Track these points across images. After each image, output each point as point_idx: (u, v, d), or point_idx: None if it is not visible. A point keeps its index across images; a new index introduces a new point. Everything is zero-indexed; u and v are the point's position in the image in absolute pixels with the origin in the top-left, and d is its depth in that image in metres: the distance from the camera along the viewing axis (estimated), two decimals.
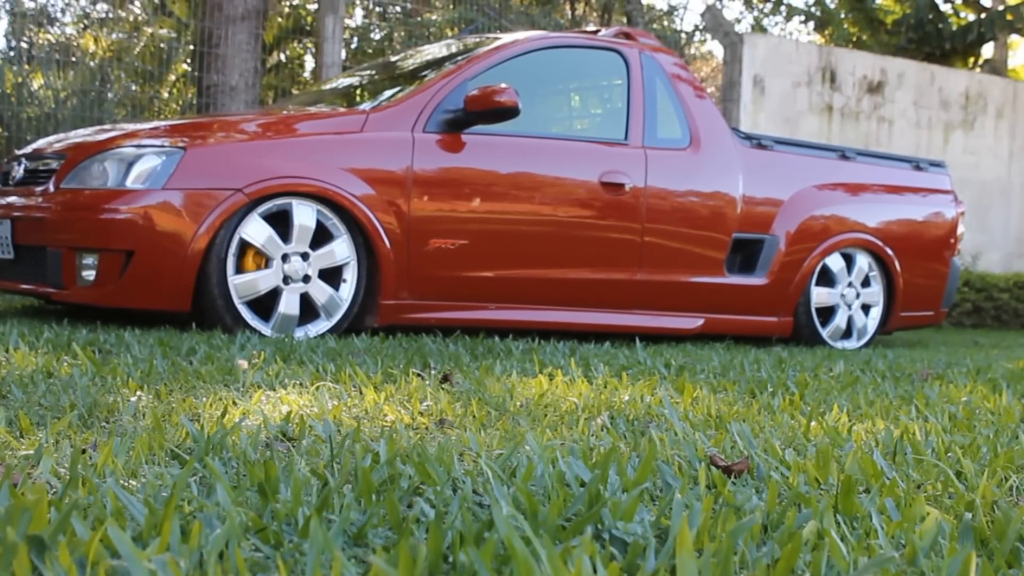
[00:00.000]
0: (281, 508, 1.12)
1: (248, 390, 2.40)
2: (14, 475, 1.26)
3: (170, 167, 4.06)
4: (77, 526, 0.91)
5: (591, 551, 0.87)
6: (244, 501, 1.21)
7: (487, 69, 4.79)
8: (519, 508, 1.15)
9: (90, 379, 2.40)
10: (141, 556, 0.83)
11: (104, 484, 1.20)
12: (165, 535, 0.89)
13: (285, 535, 1.06)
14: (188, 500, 1.19)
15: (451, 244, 4.56)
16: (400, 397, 2.40)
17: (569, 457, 1.42)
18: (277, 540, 1.02)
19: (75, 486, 1.19)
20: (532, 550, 0.91)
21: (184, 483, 1.17)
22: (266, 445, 1.72)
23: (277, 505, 1.16)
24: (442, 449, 1.59)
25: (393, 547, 1.08)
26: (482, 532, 1.04)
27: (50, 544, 0.86)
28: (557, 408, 2.35)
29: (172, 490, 1.17)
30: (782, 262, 5.47)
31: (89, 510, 1.04)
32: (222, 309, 4.09)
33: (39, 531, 0.88)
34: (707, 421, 2.23)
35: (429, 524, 1.07)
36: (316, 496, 1.21)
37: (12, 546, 0.81)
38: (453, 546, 0.96)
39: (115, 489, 1.08)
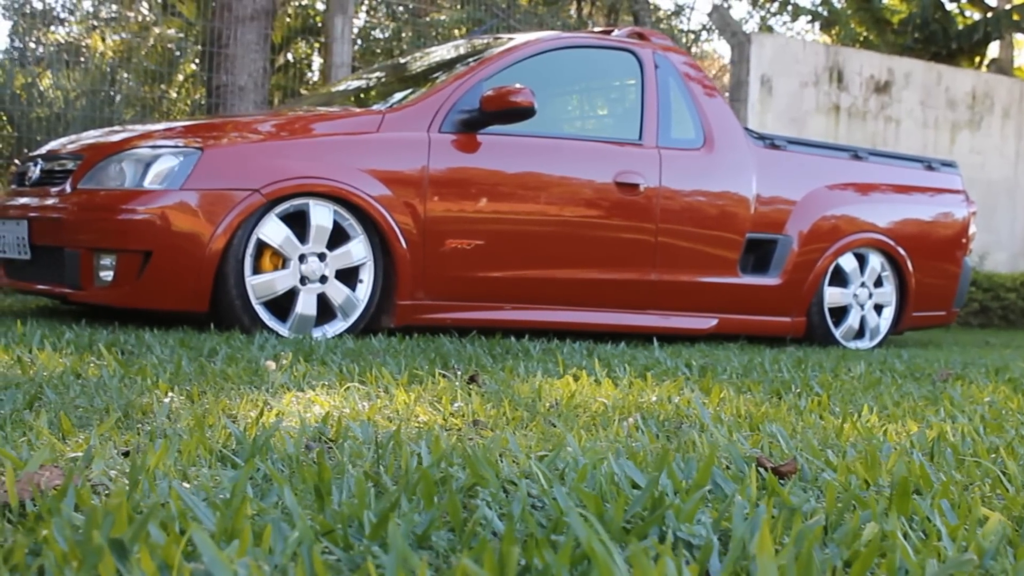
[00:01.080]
0: (343, 510, 1.12)
1: (277, 391, 2.40)
2: (75, 478, 1.26)
3: (188, 168, 4.06)
4: (152, 529, 0.91)
5: (668, 553, 0.87)
6: (301, 504, 1.21)
7: (502, 69, 4.79)
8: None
9: (120, 380, 2.40)
10: (225, 560, 0.83)
11: (165, 486, 1.20)
12: (245, 539, 0.89)
13: (351, 537, 1.06)
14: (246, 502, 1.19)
15: (467, 244, 4.56)
16: (429, 398, 2.40)
17: (620, 459, 1.42)
18: (346, 543, 1.02)
19: (136, 489, 1.19)
20: (608, 552, 0.91)
21: (244, 485, 1.17)
22: (306, 447, 1.72)
23: (337, 507, 1.16)
24: (485, 450, 1.59)
25: (457, 551, 1.08)
26: (549, 534, 1.05)
27: (130, 548, 0.87)
28: (587, 409, 2.35)
29: (232, 492, 1.17)
30: (795, 262, 5.47)
31: (154, 513, 1.03)
32: (240, 310, 4.09)
33: (119, 534, 0.88)
34: (738, 422, 2.23)
35: (505, 527, 1.07)
36: (374, 498, 1.21)
37: (98, 549, 0.82)
38: (527, 549, 0.96)
39: (181, 492, 1.08)
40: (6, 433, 1.65)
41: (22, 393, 2.10)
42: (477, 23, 9.00)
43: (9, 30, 19.02)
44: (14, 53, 8.85)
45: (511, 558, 0.82)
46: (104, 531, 0.87)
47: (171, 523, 1.03)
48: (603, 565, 0.86)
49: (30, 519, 1.08)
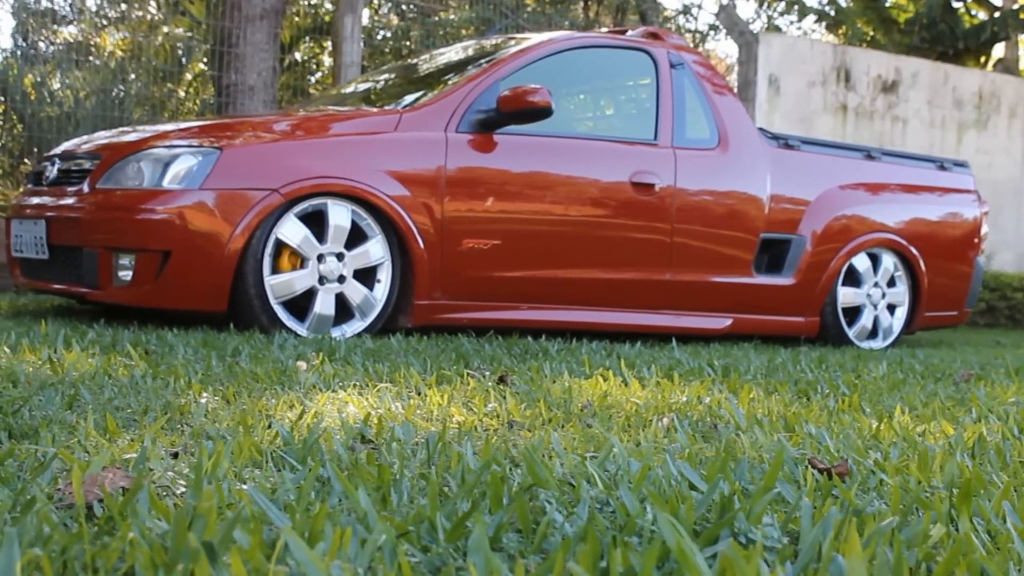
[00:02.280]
0: (413, 512, 1.12)
1: (309, 392, 2.40)
2: (129, 479, 1.26)
3: (206, 167, 4.06)
4: (236, 533, 0.91)
5: (759, 555, 0.87)
6: None
7: (518, 69, 4.78)
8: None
9: (151, 381, 2.40)
10: (318, 562, 0.83)
11: (225, 488, 1.20)
12: (335, 541, 0.89)
13: (424, 539, 1.06)
14: (309, 504, 1.19)
15: (484, 244, 4.56)
16: (461, 398, 2.40)
17: (677, 461, 1.42)
18: (423, 545, 1.03)
19: (198, 491, 1.19)
20: (693, 554, 0.91)
21: (309, 487, 1.17)
22: (351, 448, 1.72)
23: (400, 508, 1.16)
24: (533, 451, 1.59)
25: (527, 553, 1.08)
26: (624, 536, 1.05)
27: (220, 551, 0.87)
28: (620, 409, 2.35)
29: (299, 495, 1.18)
30: (809, 262, 5.47)
31: (241, 517, 1.03)
32: (258, 309, 4.09)
33: (210, 537, 0.88)
34: (773, 423, 2.23)
35: (576, 528, 1.07)
36: (429, 498, 1.21)
37: (194, 553, 0.82)
38: (608, 552, 0.96)
39: (254, 495, 1.08)
40: (54, 435, 1.65)
41: (59, 394, 2.10)
42: (485, 23, 8.99)
43: (13, 29, 18.90)
44: (18, 52, 8.85)
45: (616, 562, 0.82)
46: (196, 533, 0.87)
47: (245, 526, 1.03)
48: (693, 568, 0.86)
49: (101, 520, 1.08)
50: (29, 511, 1.04)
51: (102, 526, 1.06)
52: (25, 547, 0.89)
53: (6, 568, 0.82)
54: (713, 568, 0.93)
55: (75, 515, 1.09)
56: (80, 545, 0.93)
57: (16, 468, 1.39)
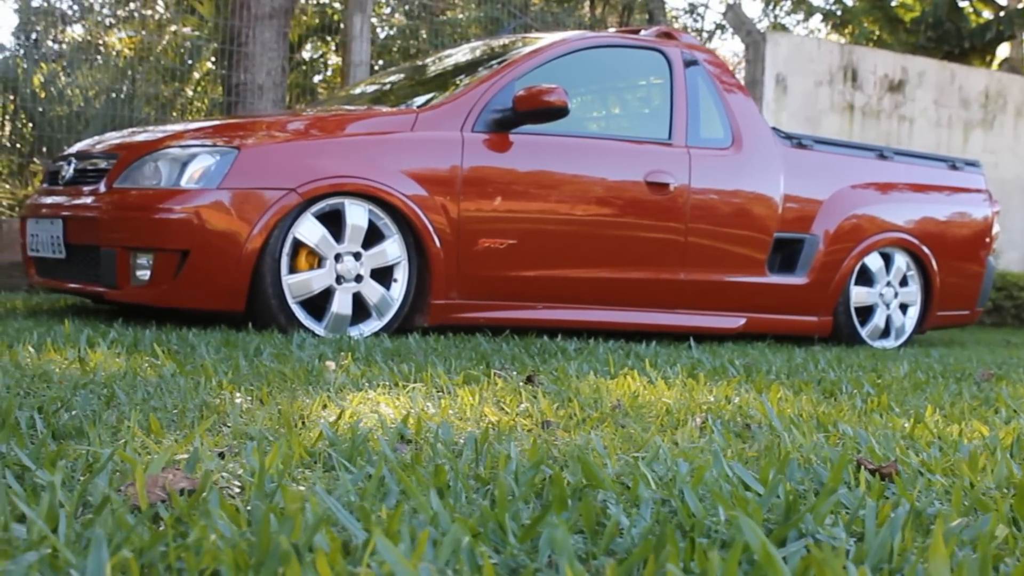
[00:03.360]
0: (478, 513, 1.12)
1: (339, 391, 2.40)
2: (194, 480, 1.26)
3: (224, 167, 4.06)
4: (317, 537, 0.92)
5: (840, 558, 0.87)
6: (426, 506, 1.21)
7: (533, 69, 4.78)
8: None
9: (183, 380, 2.40)
10: (407, 564, 0.83)
11: (296, 489, 1.20)
12: (422, 543, 0.89)
13: (492, 540, 1.06)
14: (372, 505, 1.19)
15: (500, 244, 4.56)
16: (492, 398, 2.40)
17: (730, 461, 1.42)
18: (495, 546, 1.03)
19: (261, 492, 1.19)
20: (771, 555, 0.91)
21: (373, 488, 1.17)
22: (393, 449, 1.72)
23: (469, 509, 1.16)
24: (583, 451, 1.59)
25: (595, 554, 1.08)
26: (695, 537, 1.05)
27: (303, 552, 0.87)
28: (651, 409, 2.35)
29: (363, 496, 1.18)
30: (822, 262, 5.48)
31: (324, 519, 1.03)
32: (276, 309, 4.09)
33: (296, 539, 0.88)
34: (806, 423, 2.23)
35: (648, 528, 1.07)
36: (498, 499, 1.21)
37: (285, 556, 0.82)
38: (686, 553, 0.96)
39: (324, 497, 1.08)
40: (98, 435, 1.65)
41: (94, 395, 2.10)
42: (494, 22, 8.99)
43: (15, 28, 18.87)
44: (20, 50, 8.85)
45: (715, 562, 0.82)
46: (284, 534, 0.87)
47: (327, 528, 1.03)
48: (777, 570, 0.86)
49: (170, 522, 1.08)
50: (101, 512, 1.04)
51: (172, 527, 1.06)
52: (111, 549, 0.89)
53: (96, 570, 0.82)
54: (791, 569, 0.93)
55: (140, 517, 1.09)
56: (161, 546, 0.93)
57: (69, 469, 1.39)
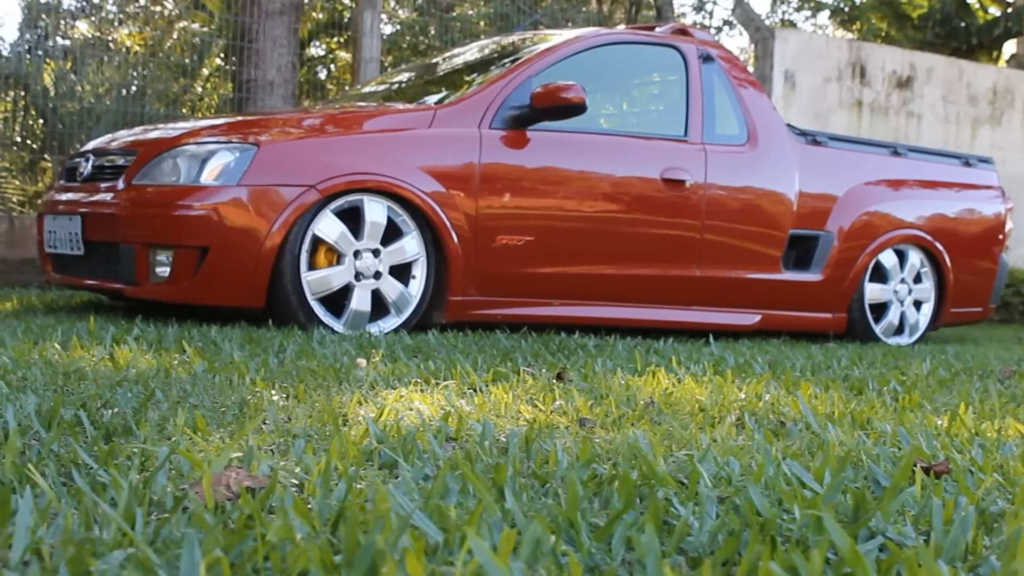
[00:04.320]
0: (544, 511, 1.12)
1: (373, 389, 2.40)
2: (256, 479, 1.26)
3: (244, 163, 4.06)
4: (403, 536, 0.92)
5: (932, 557, 0.87)
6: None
7: (549, 66, 4.78)
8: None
9: (215, 378, 2.40)
10: (501, 564, 0.83)
11: (344, 487, 1.20)
12: (507, 542, 0.89)
13: (564, 539, 1.06)
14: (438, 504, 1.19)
15: (517, 240, 4.56)
16: (524, 395, 2.40)
17: (791, 460, 1.42)
18: (578, 543, 1.03)
19: (327, 490, 1.19)
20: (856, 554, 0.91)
21: (440, 487, 1.17)
22: (440, 447, 1.72)
23: (534, 508, 1.16)
24: (632, 449, 1.59)
25: (667, 553, 1.08)
26: (768, 535, 1.05)
27: (390, 551, 0.87)
28: (685, 407, 2.35)
29: (428, 495, 1.18)
30: (837, 258, 5.48)
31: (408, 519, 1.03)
32: (295, 306, 4.09)
33: (385, 538, 0.88)
34: (840, 420, 2.23)
35: (717, 526, 1.07)
36: (568, 498, 1.21)
37: (379, 555, 0.82)
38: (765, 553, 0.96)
39: (398, 496, 1.08)
40: (145, 434, 1.65)
41: (132, 393, 2.10)
42: (503, 18, 8.99)
43: (20, 23, 18.89)
44: (26, 46, 8.84)
45: (816, 562, 0.82)
46: (374, 535, 0.87)
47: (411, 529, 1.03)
48: (866, 570, 0.86)
49: (240, 521, 1.08)
50: (176, 511, 1.04)
51: (245, 527, 1.06)
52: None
53: (190, 569, 0.82)
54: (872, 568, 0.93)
55: (220, 516, 1.09)
56: (243, 546, 0.93)
57: (126, 467, 1.39)
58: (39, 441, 1.61)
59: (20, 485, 1.25)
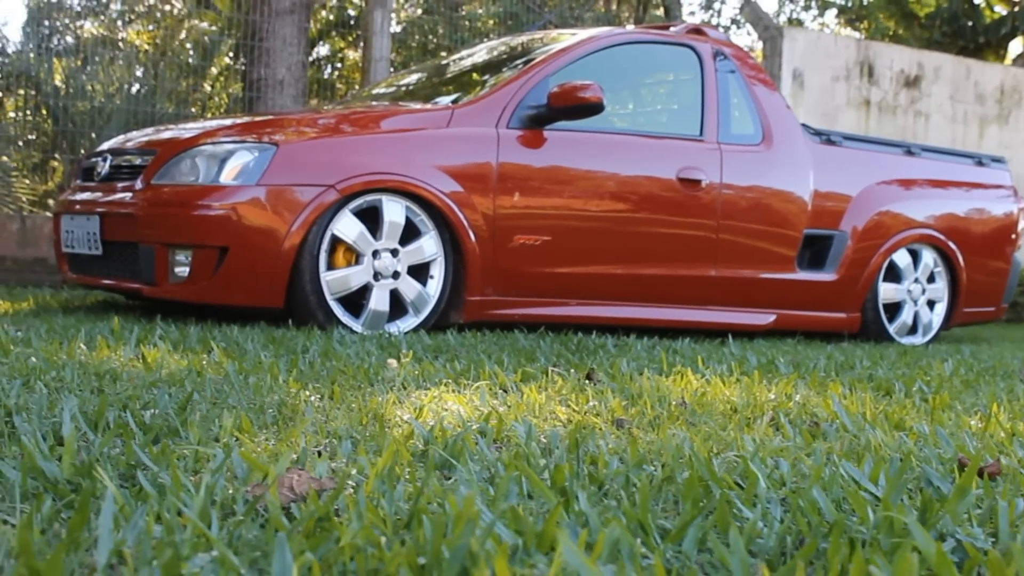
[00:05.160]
0: (616, 514, 1.12)
1: (404, 389, 2.40)
2: (324, 482, 1.26)
3: (263, 163, 4.06)
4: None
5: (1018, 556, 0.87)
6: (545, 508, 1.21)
7: (566, 65, 4.78)
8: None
9: (247, 378, 2.40)
10: (593, 567, 0.83)
11: (402, 490, 1.20)
12: (599, 545, 0.90)
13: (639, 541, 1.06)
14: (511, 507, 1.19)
15: (534, 240, 4.56)
16: (556, 396, 2.40)
17: (843, 461, 1.42)
18: (650, 545, 1.03)
19: (391, 493, 1.19)
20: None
21: (505, 490, 1.17)
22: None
23: (588, 509, 1.16)
24: (678, 450, 1.59)
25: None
26: (853, 539, 1.05)
27: (479, 554, 0.87)
28: (718, 407, 2.35)
29: (493, 498, 1.18)
30: (851, 258, 5.48)
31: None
32: (315, 306, 4.09)
33: (465, 542, 0.88)
34: (873, 421, 2.23)
35: (784, 529, 1.07)
36: (640, 500, 1.21)
37: (474, 557, 0.82)
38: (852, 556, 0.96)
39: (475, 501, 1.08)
40: (196, 436, 1.65)
41: (169, 394, 2.10)
42: (512, 17, 8.99)
43: (24, 22, 18.86)
44: (30, 44, 8.83)
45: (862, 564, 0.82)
46: (464, 540, 0.87)
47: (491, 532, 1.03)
48: (953, 573, 0.86)
49: (309, 523, 1.08)
50: (251, 514, 1.04)
51: (319, 528, 1.06)
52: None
53: (283, 572, 0.82)
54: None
55: (297, 520, 1.09)
56: (327, 547, 0.93)
57: (182, 468, 1.39)
58: (87, 443, 1.62)
59: (81, 487, 1.25)
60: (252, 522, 1.06)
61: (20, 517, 1.10)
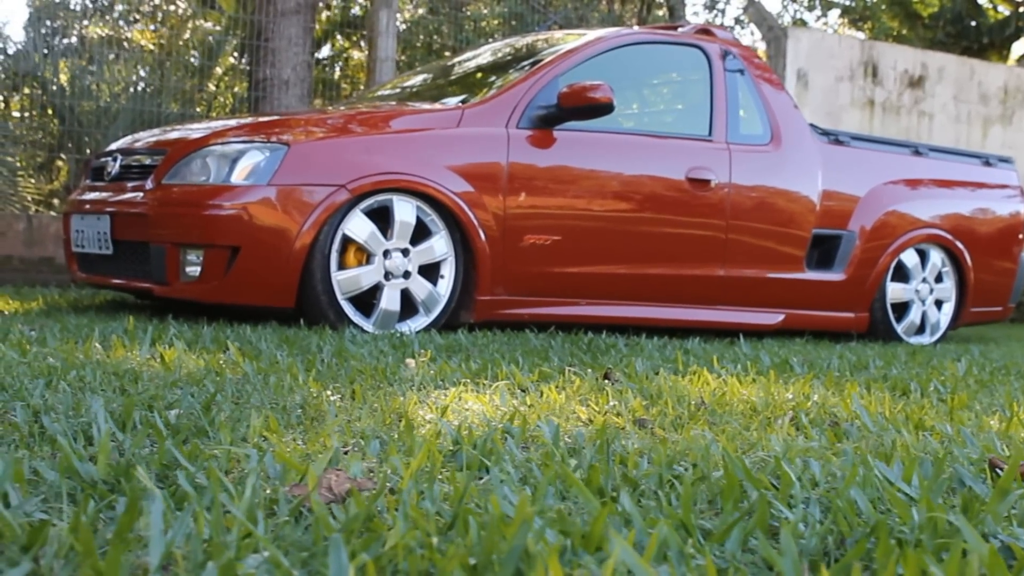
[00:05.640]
0: (655, 514, 1.12)
1: (423, 389, 2.40)
2: (361, 482, 1.26)
3: (274, 163, 4.06)
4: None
5: None
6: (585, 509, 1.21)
7: (575, 65, 4.78)
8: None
9: (266, 378, 2.40)
10: (648, 568, 0.83)
11: (437, 491, 1.20)
12: (652, 546, 0.90)
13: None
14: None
15: (544, 240, 4.56)
16: (576, 396, 2.40)
17: (878, 462, 1.42)
18: (694, 546, 1.03)
19: (430, 493, 1.20)
20: None
21: (544, 491, 1.17)
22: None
23: (629, 510, 1.16)
24: (706, 450, 1.59)
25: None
26: (901, 540, 1.05)
27: (536, 555, 0.87)
28: (737, 407, 2.35)
29: (531, 499, 1.18)
30: (859, 258, 5.48)
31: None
32: (326, 305, 4.09)
33: (521, 543, 0.88)
34: (893, 420, 2.23)
35: (824, 530, 1.07)
36: (683, 500, 1.21)
37: (532, 559, 0.82)
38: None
39: (511, 499, 1.08)
40: (220, 436, 1.65)
41: (192, 394, 2.10)
42: (517, 17, 8.99)
43: (26, 22, 18.81)
44: (34, 45, 8.82)
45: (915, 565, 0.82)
46: (519, 542, 0.87)
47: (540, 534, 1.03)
48: (1005, 574, 0.87)
49: (354, 524, 1.08)
50: (296, 514, 1.04)
51: (366, 528, 1.06)
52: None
53: (339, 572, 0.82)
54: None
55: (345, 521, 1.09)
56: (378, 548, 0.93)
57: (215, 468, 1.39)
58: (116, 443, 1.62)
59: (118, 487, 1.26)
60: (297, 523, 1.06)
61: (67, 517, 1.10)
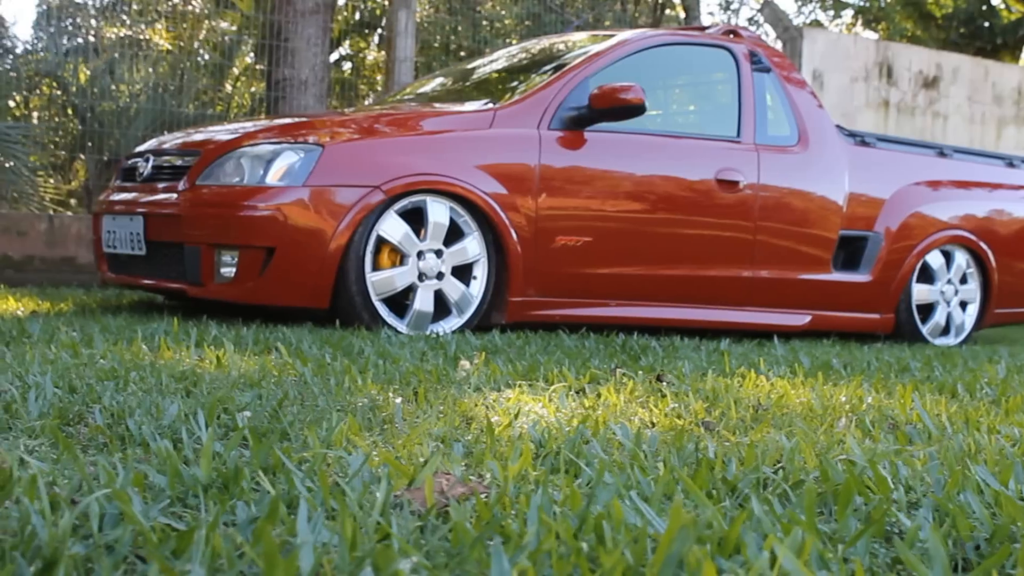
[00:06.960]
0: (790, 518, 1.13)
1: (480, 391, 2.41)
2: (472, 486, 1.26)
3: (309, 164, 4.07)
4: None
5: None
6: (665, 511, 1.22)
7: (606, 67, 4.79)
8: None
9: (335, 381, 2.40)
10: (808, 572, 0.83)
11: (541, 494, 1.21)
12: (806, 550, 0.90)
13: None
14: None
15: (576, 241, 4.56)
16: (633, 398, 2.41)
17: (978, 466, 1.42)
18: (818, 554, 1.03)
19: (547, 498, 1.20)
20: None
21: (660, 495, 1.18)
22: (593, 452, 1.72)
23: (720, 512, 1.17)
24: (792, 453, 1.59)
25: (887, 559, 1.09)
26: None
27: (697, 563, 0.87)
28: (796, 409, 2.35)
29: (662, 504, 1.18)
30: (885, 259, 5.48)
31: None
32: (360, 306, 4.10)
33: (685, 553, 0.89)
34: (953, 423, 2.23)
35: (943, 535, 1.08)
36: (805, 506, 1.22)
37: (696, 565, 0.82)
38: None
39: (639, 504, 1.09)
40: (303, 439, 1.65)
41: (260, 398, 2.11)
42: (533, 18, 9.00)
43: (34, 20, 18.66)
44: (41, 43, 8.83)
45: None
46: (676, 548, 0.88)
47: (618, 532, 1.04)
48: None
49: (476, 528, 1.08)
50: (426, 519, 1.04)
51: (482, 533, 1.07)
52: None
53: None
54: None
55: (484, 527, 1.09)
56: (521, 555, 0.94)
57: (310, 472, 1.39)
58: (200, 445, 1.62)
59: (227, 491, 1.26)
60: (435, 527, 1.06)
61: (187, 521, 1.10)
